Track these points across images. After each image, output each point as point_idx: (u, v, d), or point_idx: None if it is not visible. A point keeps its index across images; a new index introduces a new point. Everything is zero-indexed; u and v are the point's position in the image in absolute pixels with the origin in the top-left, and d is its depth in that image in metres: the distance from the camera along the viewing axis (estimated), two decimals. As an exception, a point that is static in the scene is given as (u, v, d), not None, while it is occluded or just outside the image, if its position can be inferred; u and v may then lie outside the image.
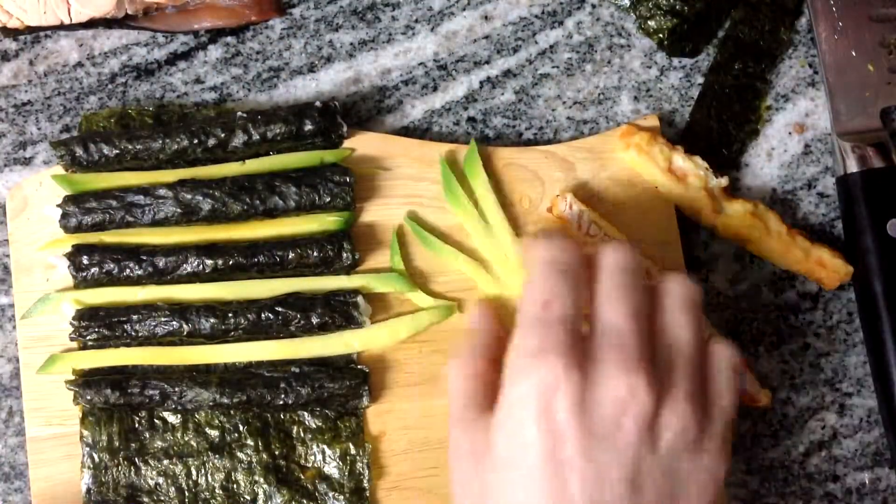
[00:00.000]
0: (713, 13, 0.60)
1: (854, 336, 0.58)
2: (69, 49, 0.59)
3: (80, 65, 0.59)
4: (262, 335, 0.55)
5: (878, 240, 0.57)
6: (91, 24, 0.58)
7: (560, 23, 0.60)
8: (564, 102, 0.60)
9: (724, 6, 0.60)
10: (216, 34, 0.60)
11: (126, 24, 0.59)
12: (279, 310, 0.54)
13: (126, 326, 0.54)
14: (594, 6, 0.60)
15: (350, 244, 0.55)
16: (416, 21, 0.60)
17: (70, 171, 0.56)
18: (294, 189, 0.55)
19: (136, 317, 0.54)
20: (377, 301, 0.56)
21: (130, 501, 0.54)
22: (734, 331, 0.58)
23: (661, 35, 0.59)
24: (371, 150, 0.57)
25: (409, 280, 0.56)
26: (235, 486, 0.54)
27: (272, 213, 0.55)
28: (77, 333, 0.54)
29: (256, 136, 0.55)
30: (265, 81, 0.59)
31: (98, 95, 0.59)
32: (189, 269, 0.54)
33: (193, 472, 0.54)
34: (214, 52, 0.60)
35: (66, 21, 0.57)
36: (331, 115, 0.56)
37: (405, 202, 0.57)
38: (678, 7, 0.59)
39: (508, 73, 0.60)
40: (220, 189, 0.55)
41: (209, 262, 0.54)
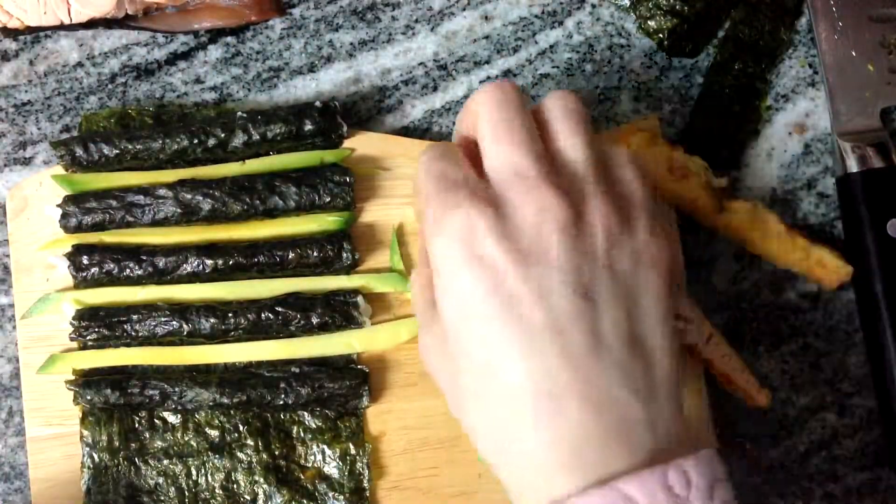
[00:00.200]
0: (713, 13, 0.60)
1: (854, 336, 0.58)
2: (69, 49, 0.59)
3: (80, 65, 0.59)
4: (262, 335, 0.55)
5: (878, 240, 0.57)
6: (91, 25, 0.58)
7: (560, 23, 0.60)
8: (564, 102, 0.60)
9: (724, 6, 0.60)
10: (216, 34, 0.60)
11: (126, 25, 0.59)
12: (279, 310, 0.54)
13: (126, 326, 0.54)
14: (594, 6, 0.60)
15: (350, 244, 0.55)
16: (416, 21, 0.60)
17: (70, 171, 0.56)
18: (294, 189, 0.55)
19: (136, 317, 0.54)
20: (377, 301, 0.56)
21: (130, 501, 0.54)
22: (734, 331, 0.58)
23: (661, 35, 0.59)
24: (371, 150, 0.57)
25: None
26: (235, 486, 0.54)
27: (272, 213, 0.55)
28: (77, 333, 0.54)
29: (256, 136, 0.55)
30: (265, 81, 0.59)
31: (98, 95, 0.59)
32: (189, 269, 0.54)
33: (193, 472, 0.54)
34: (214, 52, 0.60)
35: (66, 21, 0.57)
36: (331, 115, 0.56)
37: (405, 202, 0.57)
38: (678, 7, 0.59)
39: (508, 73, 0.60)
40: (220, 189, 0.55)
41: (209, 262, 0.54)
